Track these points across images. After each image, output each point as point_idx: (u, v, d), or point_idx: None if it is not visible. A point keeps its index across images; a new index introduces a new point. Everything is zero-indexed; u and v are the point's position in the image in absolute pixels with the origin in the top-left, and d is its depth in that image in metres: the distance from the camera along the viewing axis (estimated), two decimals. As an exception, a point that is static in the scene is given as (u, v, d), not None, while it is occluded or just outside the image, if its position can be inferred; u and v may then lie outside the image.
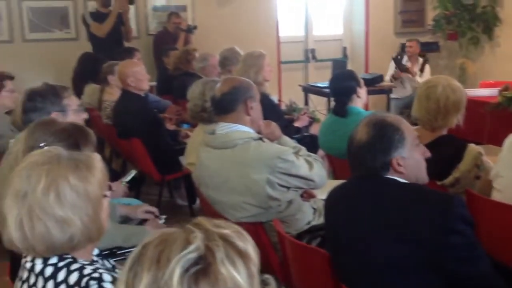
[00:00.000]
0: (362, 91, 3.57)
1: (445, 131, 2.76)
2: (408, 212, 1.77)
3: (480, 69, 8.03)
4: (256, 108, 2.64)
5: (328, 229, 2.07)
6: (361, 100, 3.58)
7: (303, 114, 4.74)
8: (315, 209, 2.74)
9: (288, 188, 2.55)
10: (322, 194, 2.58)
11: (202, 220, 1.01)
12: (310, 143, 3.59)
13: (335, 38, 8.69)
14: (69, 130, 2.05)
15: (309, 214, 2.70)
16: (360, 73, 4.63)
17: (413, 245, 1.73)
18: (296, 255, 2.20)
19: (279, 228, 2.33)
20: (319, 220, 2.66)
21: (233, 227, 1.02)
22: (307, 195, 2.77)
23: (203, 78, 4.23)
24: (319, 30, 8.57)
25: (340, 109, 3.55)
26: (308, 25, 8.46)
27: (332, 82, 3.80)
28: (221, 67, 5.01)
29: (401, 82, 7.17)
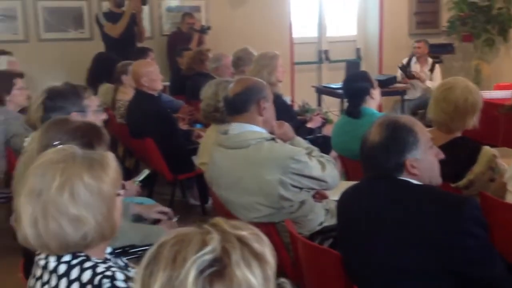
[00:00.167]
0: (376, 92, 3.56)
1: (459, 133, 2.74)
2: (421, 214, 1.76)
3: (495, 71, 7.96)
4: (269, 108, 2.64)
5: (340, 230, 2.06)
6: (374, 101, 3.56)
7: (316, 115, 4.73)
8: (327, 210, 2.73)
9: (301, 188, 2.55)
10: (334, 195, 2.57)
11: (219, 221, 1.01)
12: (323, 144, 3.58)
13: (348, 39, 8.66)
14: (83, 129, 2.06)
15: (321, 215, 2.70)
16: (373, 74, 4.60)
17: (426, 247, 1.72)
18: (308, 255, 2.20)
19: (291, 228, 2.33)
20: (331, 221, 2.65)
21: (250, 228, 1.01)
22: (320, 196, 2.76)
23: (216, 78, 4.23)
24: (332, 31, 8.55)
25: (353, 110, 3.54)
26: (321, 26, 8.44)
27: (345, 83, 3.80)
28: (234, 67, 5.02)
29: (411, 83, 7.15)
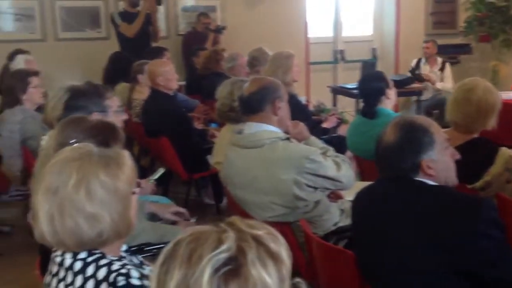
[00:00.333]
0: (391, 92, 3.54)
1: (477, 134, 2.72)
2: (437, 215, 1.75)
3: (512, 72, 7.89)
4: (284, 108, 2.64)
5: (355, 230, 2.06)
6: (390, 102, 3.54)
7: (331, 115, 4.71)
8: (342, 210, 2.72)
9: (316, 188, 2.54)
10: (349, 195, 2.56)
11: (236, 220, 1.01)
12: (338, 144, 3.56)
13: (364, 39, 8.62)
14: (99, 128, 2.08)
15: (336, 215, 2.69)
16: (389, 75, 4.58)
17: (442, 248, 1.70)
18: (323, 255, 2.19)
19: (306, 228, 2.33)
20: (346, 221, 2.64)
21: (266, 228, 1.01)
22: (335, 196, 2.75)
23: (231, 78, 4.24)
24: (348, 31, 8.52)
25: (369, 111, 3.52)
26: (337, 26, 8.42)
27: (361, 83, 3.78)
28: (249, 67, 5.02)
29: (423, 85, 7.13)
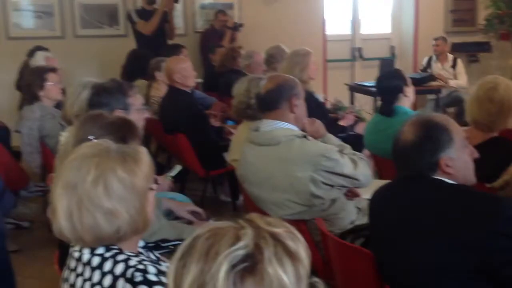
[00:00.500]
0: (410, 90, 3.51)
1: (497, 133, 2.69)
2: (456, 214, 1.73)
3: (533, 70, 7.78)
4: (300, 105, 2.63)
5: (372, 229, 2.05)
6: (408, 100, 3.51)
7: (349, 113, 4.69)
8: (359, 209, 2.71)
9: (332, 186, 2.54)
10: (366, 194, 2.55)
11: (255, 217, 1.00)
12: (355, 143, 3.54)
13: (383, 36, 8.58)
14: (117, 124, 2.09)
15: (353, 213, 2.68)
16: (408, 73, 4.55)
17: (460, 247, 1.69)
18: (340, 254, 2.19)
19: (322, 226, 2.32)
20: (363, 220, 2.62)
21: (285, 226, 1.00)
22: (351, 194, 2.74)
23: (248, 75, 4.24)
24: (366, 29, 8.47)
25: (387, 109, 3.50)
26: (355, 24, 8.38)
27: (379, 81, 3.75)
28: (266, 64, 5.02)
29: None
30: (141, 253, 1.55)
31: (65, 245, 1.57)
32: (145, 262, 1.44)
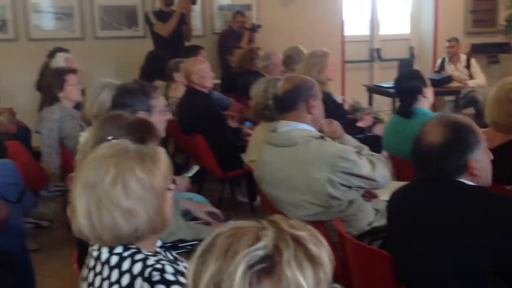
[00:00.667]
0: (428, 91, 3.48)
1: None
2: (476, 216, 1.72)
3: (553, 71, 7.67)
4: (318, 106, 2.63)
5: (390, 230, 2.03)
6: (427, 101, 3.49)
7: (367, 114, 4.67)
8: (377, 210, 2.70)
9: (350, 187, 2.52)
10: (384, 195, 2.53)
11: (279, 219, 0.99)
12: (373, 144, 3.53)
13: (402, 37, 8.52)
14: (136, 125, 2.11)
15: (371, 215, 2.66)
16: (427, 74, 4.51)
17: (481, 249, 1.67)
18: (357, 256, 2.18)
19: (339, 228, 2.31)
20: (380, 221, 2.61)
21: (309, 230, 0.99)
22: (369, 195, 2.72)
23: (266, 76, 4.24)
24: (385, 29, 8.42)
25: (405, 110, 3.47)
26: (374, 24, 8.34)
27: (397, 82, 3.73)
28: (284, 65, 5.02)
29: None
30: (158, 252, 1.56)
31: (84, 244, 1.59)
32: (162, 262, 1.45)
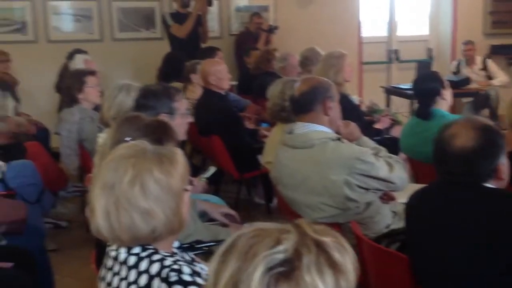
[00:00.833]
0: (447, 93, 3.45)
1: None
2: (502, 219, 1.70)
3: None
4: (335, 108, 2.62)
5: (409, 233, 2.02)
6: (446, 103, 3.46)
7: (384, 116, 4.65)
8: (395, 213, 2.68)
9: (367, 189, 2.51)
10: (402, 198, 2.52)
11: (304, 223, 0.98)
12: (391, 146, 3.50)
13: (420, 38, 8.46)
14: (153, 126, 2.12)
15: (389, 217, 2.64)
16: (446, 75, 4.47)
17: (504, 255, 1.66)
18: (375, 258, 2.16)
19: (357, 230, 2.30)
20: (398, 224, 2.59)
21: (334, 236, 0.97)
22: (387, 198, 2.71)
23: (282, 77, 4.24)
24: (403, 31, 8.37)
25: (423, 111, 3.45)
26: (391, 25, 8.29)
27: (415, 83, 3.70)
28: (301, 67, 5.01)
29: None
30: (176, 253, 1.57)
31: (102, 244, 1.60)
32: (180, 262, 1.45)
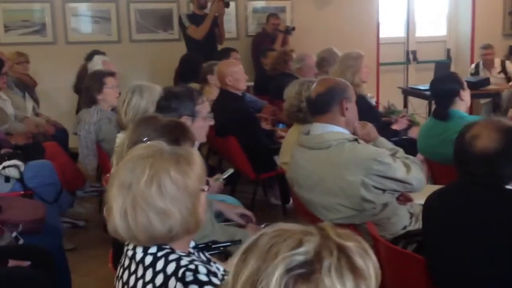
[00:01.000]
0: (466, 93, 3.42)
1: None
2: None
3: None
4: (351, 109, 2.61)
5: (426, 234, 2.00)
6: (464, 104, 3.43)
7: (402, 117, 4.62)
8: (411, 214, 2.66)
9: (384, 190, 2.50)
10: (419, 199, 2.50)
11: (328, 226, 0.97)
12: (408, 147, 3.48)
13: (438, 39, 8.40)
14: (170, 127, 2.14)
15: (405, 219, 2.62)
16: (464, 76, 4.43)
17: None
18: (391, 259, 2.15)
19: (373, 231, 2.29)
20: (415, 225, 2.58)
21: (358, 241, 0.97)
22: (404, 199, 2.69)
23: (299, 78, 4.23)
24: (421, 31, 8.31)
25: (441, 112, 3.42)
26: (409, 26, 8.24)
27: (433, 84, 3.67)
28: (318, 68, 5.00)
29: None
30: (192, 253, 1.58)
31: (119, 244, 1.61)
32: (196, 262, 1.46)
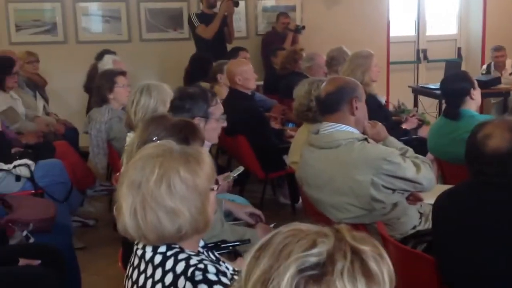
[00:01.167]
0: (476, 92, 3.40)
1: None
2: None
3: None
4: (361, 108, 2.60)
5: (436, 234, 2.00)
6: (475, 103, 3.41)
7: (412, 116, 4.60)
8: (421, 214, 2.65)
9: (394, 190, 2.49)
10: (429, 199, 2.49)
11: (343, 229, 0.96)
12: (418, 147, 3.47)
13: (449, 38, 8.35)
14: (180, 126, 2.14)
15: (415, 218, 2.61)
16: (475, 75, 4.40)
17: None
18: (401, 259, 2.14)
19: (383, 231, 2.28)
20: (425, 225, 2.56)
21: (375, 246, 0.96)
22: (414, 198, 2.68)
23: (309, 77, 4.23)
24: (431, 30, 8.27)
25: (452, 112, 3.40)
26: (420, 24, 8.20)
27: (444, 83, 3.65)
28: (328, 67, 4.99)
29: None
30: (201, 252, 1.58)
31: (129, 243, 1.62)
32: (205, 262, 1.46)
